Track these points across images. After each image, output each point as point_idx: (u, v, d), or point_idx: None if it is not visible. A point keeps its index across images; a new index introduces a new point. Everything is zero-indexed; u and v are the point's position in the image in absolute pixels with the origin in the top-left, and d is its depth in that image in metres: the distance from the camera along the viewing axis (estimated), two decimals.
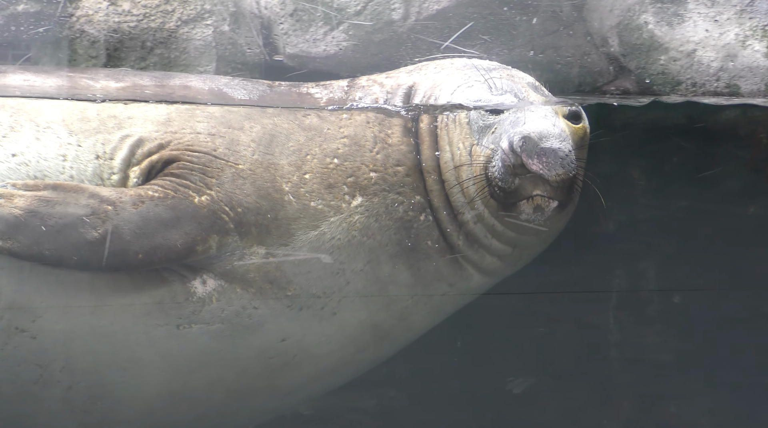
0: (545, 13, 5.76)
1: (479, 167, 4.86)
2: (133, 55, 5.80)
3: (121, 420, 5.12)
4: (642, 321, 6.19)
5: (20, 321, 4.78)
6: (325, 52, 5.84)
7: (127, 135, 4.94)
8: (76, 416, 5.04)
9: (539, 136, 4.66)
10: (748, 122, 5.78)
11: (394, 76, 5.32)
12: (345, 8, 5.80)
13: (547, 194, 4.72)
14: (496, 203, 4.87)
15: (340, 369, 5.27)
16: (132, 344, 4.90)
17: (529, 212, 4.77)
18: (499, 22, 5.74)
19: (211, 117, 5.03)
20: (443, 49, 5.72)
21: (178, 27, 5.90)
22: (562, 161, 4.64)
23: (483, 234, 5.01)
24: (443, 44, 5.72)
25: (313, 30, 5.84)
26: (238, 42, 5.91)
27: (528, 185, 4.72)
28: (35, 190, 4.69)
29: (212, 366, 5.01)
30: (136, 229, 4.69)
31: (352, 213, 4.95)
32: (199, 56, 5.90)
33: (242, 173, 4.90)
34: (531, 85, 5.10)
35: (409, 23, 5.75)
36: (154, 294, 4.86)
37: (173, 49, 5.89)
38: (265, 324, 4.97)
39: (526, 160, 4.64)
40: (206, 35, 5.90)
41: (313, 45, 5.86)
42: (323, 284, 4.97)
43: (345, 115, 5.09)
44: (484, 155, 4.84)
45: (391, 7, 5.75)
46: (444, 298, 5.14)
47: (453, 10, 5.71)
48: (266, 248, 4.90)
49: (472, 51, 5.73)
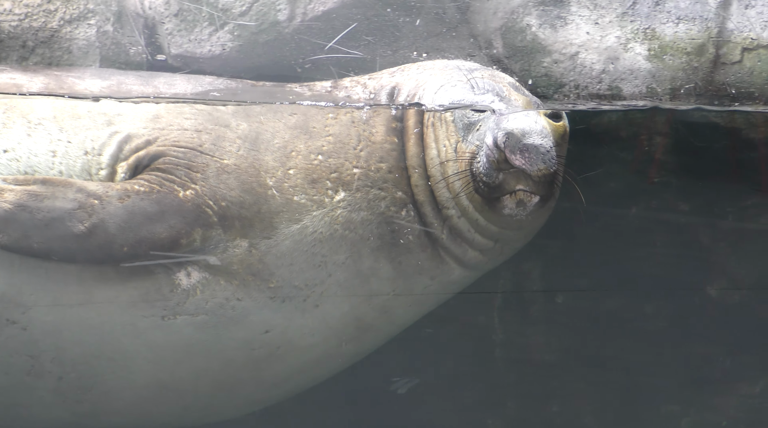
0: (429, 14, 5.77)
1: (464, 163, 4.99)
2: (15, 54, 5.71)
3: (111, 409, 5.24)
4: (526, 322, 6.23)
5: (11, 312, 4.90)
6: (211, 53, 5.80)
7: (115, 131, 5.05)
8: (68, 406, 5.17)
9: (522, 132, 4.79)
10: (630, 124, 5.84)
11: (377, 77, 5.43)
12: (230, 9, 5.76)
13: (529, 189, 4.85)
14: (480, 198, 5.00)
15: (325, 362, 5.38)
16: (119, 335, 5.01)
17: (512, 207, 4.91)
18: (382, 23, 5.74)
19: (198, 114, 5.14)
20: (327, 50, 5.72)
21: (60, 27, 5.83)
22: (544, 156, 4.78)
23: (466, 228, 5.14)
24: (327, 45, 5.72)
25: (198, 30, 5.80)
26: (121, 42, 5.85)
27: (511, 180, 4.85)
28: (25, 184, 4.81)
29: (198, 356, 5.12)
30: (121, 222, 4.82)
31: (334, 207, 5.07)
32: (83, 56, 5.83)
33: (227, 168, 5.01)
34: (512, 85, 5.24)
35: (295, 24, 5.72)
36: (140, 286, 4.97)
37: (56, 48, 5.81)
38: (249, 316, 5.08)
39: (509, 155, 4.78)
40: (89, 35, 5.83)
41: (198, 46, 5.81)
42: (305, 276, 5.08)
43: (331, 114, 5.21)
44: (469, 151, 4.97)
45: (277, 8, 5.73)
46: (426, 292, 5.27)
47: (337, 11, 5.70)
48: (249, 240, 5.01)
49: (357, 52, 5.74)
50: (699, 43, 5.67)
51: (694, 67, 5.66)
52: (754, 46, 5.64)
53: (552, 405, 6.41)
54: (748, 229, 5.96)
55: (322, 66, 5.78)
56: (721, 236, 6.03)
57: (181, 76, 5.48)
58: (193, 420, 5.54)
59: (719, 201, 5.87)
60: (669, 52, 5.68)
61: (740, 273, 6.08)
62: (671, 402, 6.37)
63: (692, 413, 6.36)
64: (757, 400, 6.27)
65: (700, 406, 6.34)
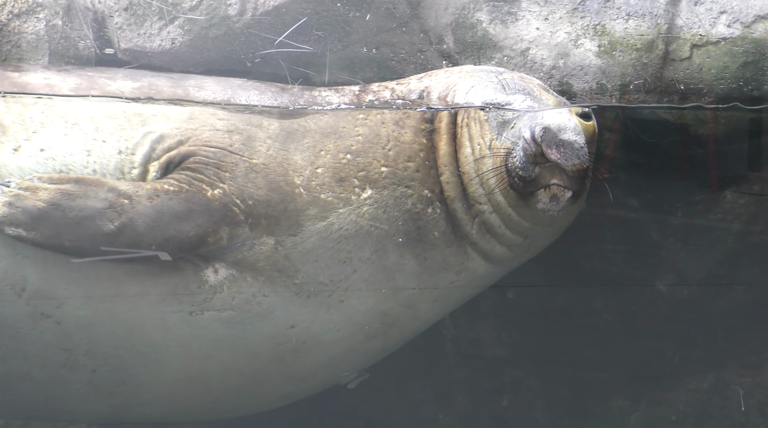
0: (379, 10, 5.77)
1: (499, 159, 5.08)
2: None
3: (144, 401, 5.39)
4: (477, 317, 6.24)
5: (45, 307, 5.02)
6: (161, 48, 5.79)
7: (149, 131, 5.16)
8: (103, 398, 5.31)
9: (558, 128, 4.93)
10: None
11: (405, 82, 5.52)
12: (180, 3, 5.75)
13: (563, 184, 4.98)
14: (514, 194, 5.10)
15: (351, 357, 5.48)
16: (148, 330, 5.14)
17: (546, 201, 5.03)
18: (333, 18, 5.74)
19: (231, 115, 5.25)
20: (277, 45, 5.72)
21: (9, 20, 5.80)
22: (578, 152, 4.93)
23: (498, 224, 5.24)
24: (278, 40, 5.71)
25: (148, 25, 5.78)
26: (71, 36, 5.83)
27: (546, 174, 4.97)
28: (59, 183, 4.93)
29: (225, 351, 5.24)
30: (150, 222, 4.92)
31: (361, 205, 5.17)
32: (32, 50, 5.81)
33: (255, 167, 5.12)
34: (541, 86, 5.35)
35: (245, 19, 5.71)
36: (168, 282, 5.09)
37: (5, 42, 5.79)
38: (275, 311, 5.19)
39: (545, 149, 4.91)
40: (38, 29, 5.81)
41: (148, 40, 5.79)
42: (330, 272, 5.19)
43: (362, 115, 5.32)
44: (504, 148, 5.07)
45: (227, 3, 5.72)
46: (451, 287, 5.36)
47: (287, 6, 5.69)
48: (275, 238, 5.11)
49: (307, 47, 5.73)
50: (648, 39, 5.69)
51: (644, 64, 5.69)
52: (703, 43, 5.67)
53: (502, 399, 6.43)
54: (697, 225, 5.99)
55: (272, 61, 5.79)
56: (670, 231, 6.06)
57: (212, 79, 5.55)
58: (223, 413, 5.69)
59: (669, 197, 5.90)
60: (619, 49, 5.71)
61: (689, 269, 6.11)
62: (621, 396, 6.40)
63: (642, 407, 6.39)
64: (705, 395, 6.30)
65: (650, 401, 6.37)
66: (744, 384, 6.26)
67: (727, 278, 6.12)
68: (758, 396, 6.24)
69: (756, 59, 5.64)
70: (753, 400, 6.25)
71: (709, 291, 6.16)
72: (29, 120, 5.13)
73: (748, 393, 6.25)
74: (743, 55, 5.64)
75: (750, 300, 6.19)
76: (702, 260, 6.09)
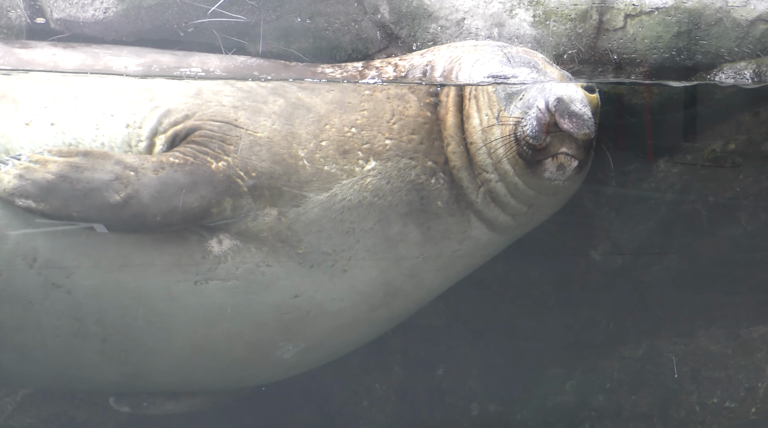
0: None
1: (508, 128, 5.18)
2: None
3: (155, 370, 5.52)
4: None
5: (56, 277, 5.16)
6: (94, 18, 5.75)
7: (157, 106, 5.26)
8: (114, 366, 5.44)
9: (570, 98, 5.06)
10: None
11: (407, 58, 5.59)
12: None
13: (571, 152, 5.10)
14: (522, 162, 5.20)
15: (357, 327, 5.59)
16: (155, 299, 5.26)
17: (553, 170, 5.15)
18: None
19: (238, 91, 5.33)
20: (210, 14, 5.69)
21: None
22: (587, 122, 5.06)
23: (503, 193, 5.34)
24: (210, 9, 5.69)
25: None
26: (2, 5, 5.77)
27: (556, 143, 5.09)
28: (68, 156, 5.05)
29: (230, 320, 5.36)
30: (154, 193, 5.04)
31: (364, 176, 5.27)
32: None
33: (260, 140, 5.22)
34: (545, 59, 5.45)
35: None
36: (174, 252, 5.21)
37: None
38: (278, 281, 5.30)
39: (558, 118, 5.04)
40: None
41: (81, 10, 5.75)
42: (333, 242, 5.30)
43: (367, 91, 5.41)
44: (513, 117, 5.16)
45: None
46: (454, 256, 5.47)
47: None
48: (279, 209, 5.21)
49: (240, 16, 5.71)
50: (582, 9, 5.71)
51: (578, 34, 5.71)
52: (636, 13, 5.70)
53: (438, 368, 6.46)
54: (631, 194, 6.03)
55: (206, 30, 5.76)
56: (604, 201, 6.10)
57: (216, 56, 5.64)
58: (233, 382, 5.80)
59: (603, 167, 5.92)
60: (553, 18, 5.72)
61: (623, 238, 6.15)
62: (556, 365, 6.45)
63: (576, 375, 6.44)
64: (639, 362, 6.36)
65: (584, 369, 6.42)
66: (677, 351, 6.32)
67: (661, 247, 6.17)
68: (691, 363, 6.30)
69: (689, 29, 5.68)
70: (686, 367, 6.31)
71: (643, 260, 6.21)
72: (41, 95, 5.25)
73: (681, 360, 6.31)
74: (676, 25, 5.67)
75: (683, 269, 6.24)
76: (636, 229, 6.13)
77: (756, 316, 6.26)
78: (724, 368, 6.25)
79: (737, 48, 5.69)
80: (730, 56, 5.71)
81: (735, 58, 5.71)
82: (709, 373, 6.27)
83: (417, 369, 6.39)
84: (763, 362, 6.21)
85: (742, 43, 5.68)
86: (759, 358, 6.22)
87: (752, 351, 6.23)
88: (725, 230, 6.15)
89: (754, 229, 6.12)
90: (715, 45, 5.70)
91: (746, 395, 6.21)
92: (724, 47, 5.70)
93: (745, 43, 5.68)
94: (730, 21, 5.67)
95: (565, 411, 6.39)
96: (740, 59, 5.70)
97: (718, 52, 5.71)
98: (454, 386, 6.47)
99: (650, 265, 6.24)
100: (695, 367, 6.29)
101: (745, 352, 6.23)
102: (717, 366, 6.26)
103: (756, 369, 6.21)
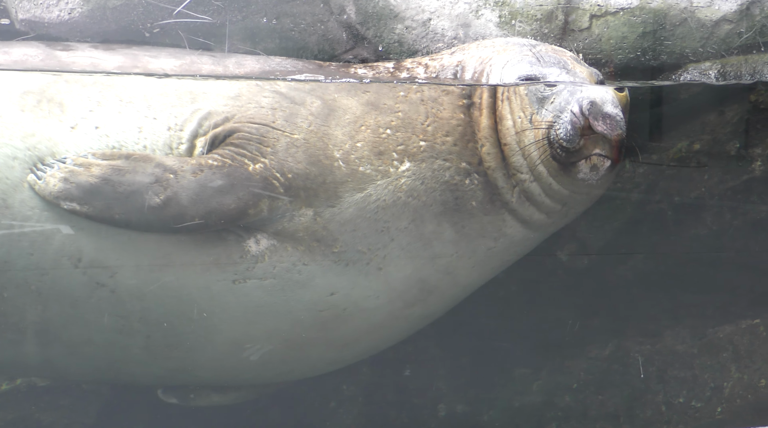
0: None
1: (541, 132, 5.26)
2: None
3: (197, 365, 5.66)
4: None
5: (100, 276, 5.29)
6: (59, 18, 5.74)
7: (198, 109, 5.36)
8: (159, 362, 5.61)
9: (602, 101, 5.14)
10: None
11: (438, 58, 5.65)
12: None
13: (604, 153, 5.18)
14: (556, 164, 5.29)
15: (392, 324, 5.68)
16: (195, 297, 5.39)
17: (586, 171, 5.23)
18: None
19: (276, 93, 5.42)
20: (176, 15, 5.68)
21: None
22: (619, 123, 5.15)
23: (538, 192, 5.42)
24: (176, 10, 5.68)
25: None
26: None
27: (590, 144, 5.17)
28: (111, 159, 5.18)
29: (268, 317, 5.47)
30: (193, 195, 5.16)
31: (399, 177, 5.37)
32: None
33: (296, 142, 5.32)
34: (573, 58, 5.49)
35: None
36: (213, 252, 5.33)
37: None
38: (314, 279, 5.42)
39: (592, 121, 5.11)
40: None
41: (47, 11, 5.74)
42: (368, 241, 5.39)
43: (402, 92, 5.48)
44: (546, 121, 5.24)
45: None
46: (489, 253, 5.55)
47: None
48: (314, 209, 5.32)
49: (206, 17, 5.71)
50: (548, 9, 5.72)
51: (544, 34, 5.72)
52: (602, 13, 5.72)
53: (405, 369, 6.47)
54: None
55: (172, 31, 5.75)
56: None
57: (252, 57, 5.72)
58: (272, 377, 5.94)
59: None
60: (519, 19, 5.74)
61: (590, 238, 6.17)
62: (523, 365, 6.46)
63: (544, 376, 6.44)
64: (605, 362, 6.37)
65: (552, 369, 6.43)
66: (643, 351, 6.34)
67: (627, 247, 6.19)
68: (657, 363, 6.32)
69: (654, 29, 5.70)
70: (652, 367, 6.32)
71: (609, 260, 6.23)
72: (87, 99, 5.34)
73: (648, 360, 6.33)
74: (641, 25, 5.70)
75: (649, 269, 6.27)
76: (602, 229, 6.15)
77: (721, 316, 6.29)
78: (690, 368, 6.27)
79: (702, 48, 5.71)
80: (695, 56, 5.73)
81: (700, 58, 5.73)
82: (675, 373, 6.29)
83: (384, 370, 6.39)
84: (729, 361, 6.23)
85: (706, 43, 5.70)
86: (724, 358, 6.24)
87: (718, 351, 6.25)
88: (691, 229, 6.17)
89: (720, 229, 6.15)
90: (680, 45, 5.72)
91: (712, 394, 6.23)
92: (688, 47, 5.72)
93: (710, 44, 5.70)
94: (694, 21, 5.69)
95: (532, 412, 6.39)
96: (705, 59, 5.73)
97: (683, 52, 5.73)
98: (422, 387, 6.47)
99: (616, 265, 6.26)
100: (661, 367, 6.30)
101: (710, 352, 6.26)
102: (683, 366, 6.28)
103: (721, 368, 6.23)
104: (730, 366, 6.22)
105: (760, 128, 6.00)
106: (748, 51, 5.72)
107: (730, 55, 5.71)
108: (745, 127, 6.00)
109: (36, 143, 5.23)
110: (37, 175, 5.20)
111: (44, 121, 5.27)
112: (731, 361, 6.23)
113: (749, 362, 6.22)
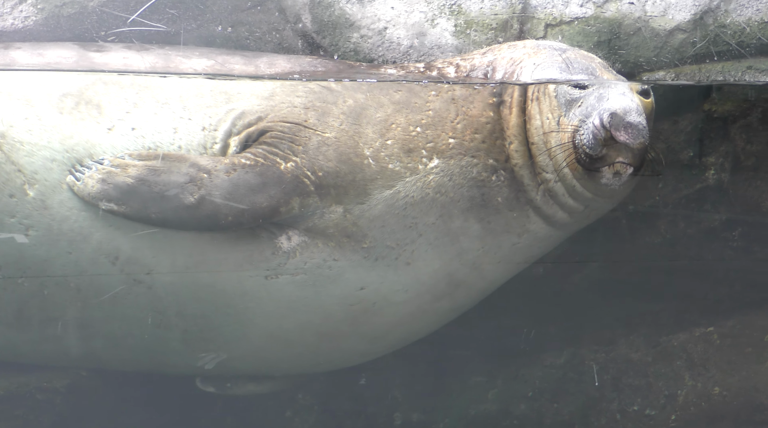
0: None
1: (567, 135, 5.35)
2: None
3: (233, 357, 5.79)
4: None
5: (137, 274, 5.44)
6: (13, 26, 5.73)
7: (232, 109, 5.47)
8: (197, 354, 5.74)
9: (624, 111, 5.18)
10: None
11: (468, 58, 5.70)
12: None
13: (627, 161, 5.26)
14: (580, 168, 5.38)
15: (421, 317, 5.79)
16: (230, 293, 5.53)
17: (609, 177, 5.32)
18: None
19: (310, 92, 5.52)
20: (130, 23, 5.68)
21: None
22: (642, 131, 5.19)
23: (561, 193, 5.52)
24: (130, 18, 5.68)
25: (1, 3, 5.71)
26: None
27: (612, 152, 5.25)
28: (146, 160, 5.31)
29: (300, 311, 5.61)
30: (226, 194, 5.29)
31: (427, 173, 5.47)
32: None
33: (327, 140, 5.43)
34: (602, 65, 5.55)
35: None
36: (246, 249, 5.46)
37: None
38: (345, 274, 5.54)
39: (614, 133, 5.17)
40: None
41: (1, 19, 5.72)
42: (397, 236, 5.51)
43: (433, 91, 5.56)
44: (572, 125, 5.33)
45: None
46: (514, 249, 5.65)
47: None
48: (344, 206, 5.43)
49: (160, 26, 5.71)
50: (503, 18, 5.75)
51: (499, 43, 5.74)
52: (557, 23, 5.75)
53: (361, 378, 6.46)
54: None
55: (126, 39, 5.75)
56: None
57: (283, 57, 5.79)
58: (307, 367, 6.06)
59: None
60: (474, 28, 5.76)
61: None
62: (478, 373, 6.46)
63: (499, 384, 6.45)
64: (561, 370, 6.39)
65: (507, 377, 6.44)
66: (598, 359, 6.36)
67: (581, 255, 6.21)
68: (612, 371, 6.34)
69: (608, 38, 5.74)
70: (607, 375, 6.34)
71: (564, 269, 6.25)
72: (124, 101, 5.44)
73: (602, 368, 6.35)
74: (596, 35, 5.74)
75: (603, 277, 6.30)
76: None
77: (675, 324, 6.32)
78: (645, 375, 6.30)
79: (656, 57, 5.76)
80: (649, 66, 5.77)
81: (654, 67, 5.77)
82: (630, 381, 6.31)
83: (340, 379, 6.39)
84: (683, 369, 6.26)
85: (660, 52, 5.74)
86: (678, 366, 6.27)
87: (672, 359, 6.28)
88: (645, 237, 6.21)
89: (673, 237, 6.18)
90: (634, 54, 5.76)
91: (666, 402, 6.25)
92: (643, 57, 5.76)
93: (664, 53, 5.74)
94: (648, 31, 5.73)
95: (488, 420, 6.40)
96: (659, 69, 5.77)
97: (638, 61, 5.77)
98: (377, 395, 6.48)
99: (571, 273, 6.29)
100: (616, 375, 6.33)
101: (665, 360, 6.28)
102: (637, 374, 6.30)
103: (675, 376, 6.26)
104: (684, 374, 6.25)
105: (714, 136, 6.04)
106: (702, 60, 5.76)
107: (684, 64, 5.75)
108: (699, 135, 6.04)
109: (74, 144, 5.34)
110: (76, 176, 5.31)
111: (82, 123, 5.37)
112: (685, 369, 6.26)
113: (703, 370, 6.24)
